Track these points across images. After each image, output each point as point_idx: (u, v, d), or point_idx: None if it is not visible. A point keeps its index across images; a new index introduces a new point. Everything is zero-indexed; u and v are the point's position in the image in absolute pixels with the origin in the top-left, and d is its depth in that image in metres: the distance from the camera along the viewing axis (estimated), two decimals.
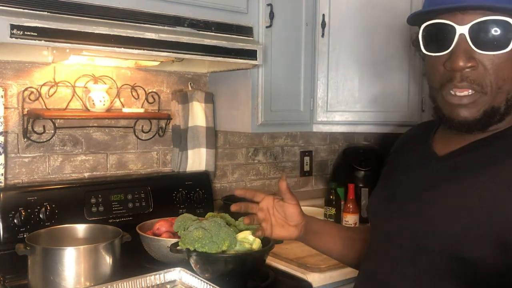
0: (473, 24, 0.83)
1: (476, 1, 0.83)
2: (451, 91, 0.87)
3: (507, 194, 0.82)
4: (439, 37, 0.87)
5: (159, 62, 1.95)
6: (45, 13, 1.43)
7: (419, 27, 0.92)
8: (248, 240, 1.49)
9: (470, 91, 0.86)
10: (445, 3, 0.85)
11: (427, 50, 0.91)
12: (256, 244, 1.51)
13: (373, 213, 1.11)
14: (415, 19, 0.93)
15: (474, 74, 0.85)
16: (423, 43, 0.91)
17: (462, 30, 0.84)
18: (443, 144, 0.97)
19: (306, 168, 2.67)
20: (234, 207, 1.18)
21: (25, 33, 1.35)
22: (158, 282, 1.42)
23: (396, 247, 0.97)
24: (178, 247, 1.50)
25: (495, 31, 0.82)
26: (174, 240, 1.58)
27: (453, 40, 0.85)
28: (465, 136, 0.93)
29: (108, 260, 1.50)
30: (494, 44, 0.83)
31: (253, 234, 1.21)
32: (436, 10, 0.87)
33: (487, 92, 0.85)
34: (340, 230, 1.32)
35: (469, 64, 0.84)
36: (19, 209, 1.68)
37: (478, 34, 0.83)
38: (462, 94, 0.86)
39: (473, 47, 0.84)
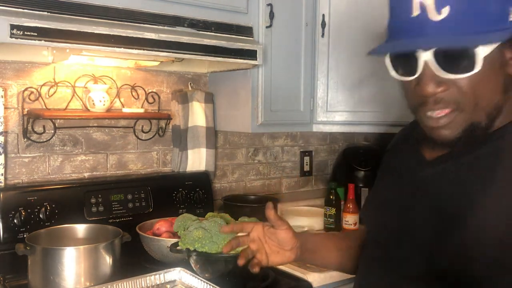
0: (437, 50, 0.79)
1: (434, 42, 0.79)
2: (427, 113, 0.85)
3: (495, 203, 0.81)
4: (405, 63, 0.84)
5: (159, 62, 1.95)
6: (45, 13, 1.43)
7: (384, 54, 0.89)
8: None
9: (446, 110, 0.83)
10: (402, 19, 0.82)
11: (397, 74, 0.88)
12: None
13: (365, 220, 1.13)
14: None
15: (448, 94, 0.82)
16: (392, 67, 0.88)
17: (426, 56, 0.80)
18: (431, 149, 0.95)
19: (306, 168, 2.67)
20: (225, 249, 1.17)
21: (25, 33, 1.35)
22: (158, 282, 1.42)
23: (382, 255, 0.98)
24: (178, 247, 1.49)
25: (461, 53, 0.79)
26: (174, 240, 1.57)
27: (418, 66, 0.82)
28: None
29: (108, 260, 1.50)
30: (462, 66, 0.79)
31: (251, 269, 1.14)
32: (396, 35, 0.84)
33: (464, 109, 0.83)
34: (336, 242, 1.29)
35: (440, 89, 0.82)
36: (19, 209, 1.68)
37: (444, 58, 0.79)
38: (438, 116, 0.84)
39: (440, 72, 0.80)
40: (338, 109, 2.15)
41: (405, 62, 0.84)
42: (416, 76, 0.83)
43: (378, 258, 1.00)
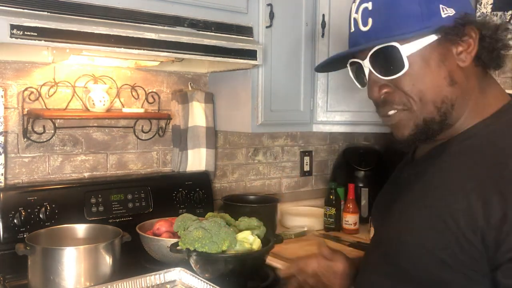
0: (370, 57, 0.90)
1: (363, 46, 0.90)
2: (380, 115, 0.95)
3: (447, 205, 0.83)
4: (357, 74, 0.97)
5: (159, 62, 1.95)
6: (45, 13, 1.43)
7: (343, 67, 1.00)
8: (248, 240, 1.50)
9: (392, 110, 0.91)
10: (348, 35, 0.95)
11: (360, 85, 0.98)
12: (256, 244, 1.51)
13: (372, 220, 1.23)
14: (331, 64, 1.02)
15: (392, 96, 0.90)
16: (355, 79, 0.99)
17: (366, 63, 0.91)
18: (420, 149, 1.02)
19: (306, 168, 2.67)
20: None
21: (25, 33, 1.35)
22: (158, 282, 1.42)
23: (372, 254, 1.05)
24: (178, 247, 1.50)
25: (387, 56, 0.87)
26: (174, 240, 1.58)
27: (365, 74, 0.92)
28: (435, 141, 0.95)
29: (108, 260, 1.50)
30: (392, 68, 0.88)
31: None
32: (335, 57, 0.97)
33: (410, 107, 0.89)
34: None
35: (383, 91, 0.91)
36: (19, 209, 1.68)
37: (376, 63, 0.89)
38: (390, 113, 0.92)
39: (378, 75, 0.90)
40: (338, 109, 2.15)
41: (359, 74, 0.96)
42: (367, 84, 0.93)
43: (367, 257, 1.09)
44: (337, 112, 2.16)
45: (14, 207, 1.68)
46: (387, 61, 0.88)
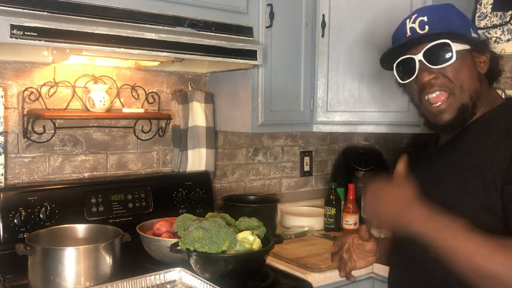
0: (425, 51, 1.17)
1: (421, 34, 1.17)
2: (427, 100, 1.19)
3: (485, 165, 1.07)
4: (407, 68, 1.22)
5: (159, 62, 1.95)
6: (45, 13, 1.43)
7: (392, 69, 1.26)
8: (248, 240, 1.50)
9: (442, 96, 1.17)
10: (401, 39, 1.21)
11: (402, 80, 1.25)
12: (256, 244, 1.51)
13: None
14: (386, 61, 1.27)
15: (439, 81, 1.17)
16: (398, 76, 1.25)
17: (419, 57, 1.18)
18: (441, 139, 1.28)
19: (306, 168, 2.67)
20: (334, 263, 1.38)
21: (25, 33, 1.35)
22: (158, 282, 1.42)
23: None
24: (178, 247, 1.50)
25: (440, 50, 1.16)
26: (174, 240, 1.58)
27: (415, 66, 1.19)
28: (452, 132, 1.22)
29: (108, 260, 1.50)
30: (443, 59, 1.16)
31: (348, 279, 1.36)
32: (397, 47, 1.21)
33: (454, 92, 1.16)
34: None
35: (432, 76, 1.17)
36: (19, 209, 1.68)
37: (430, 55, 1.17)
38: (438, 101, 1.17)
39: (429, 65, 1.17)
40: (338, 109, 2.15)
41: (406, 67, 1.22)
42: (415, 75, 1.20)
43: (405, 241, 1.16)
44: (337, 112, 2.16)
45: (14, 207, 1.68)
46: (439, 54, 1.16)
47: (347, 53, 2.13)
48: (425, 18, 1.18)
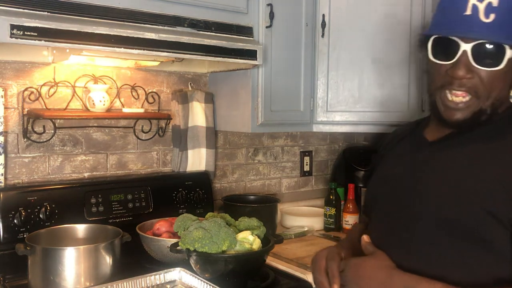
0: (475, 44, 1.00)
1: (482, 36, 1.00)
2: (448, 94, 1.06)
3: (488, 171, 1.01)
4: (446, 49, 1.04)
5: (159, 62, 1.95)
6: (45, 13, 1.43)
7: (428, 37, 1.08)
8: (248, 240, 1.50)
9: (466, 96, 1.04)
10: (456, 11, 1.02)
11: (434, 58, 1.07)
12: (256, 244, 1.51)
13: (373, 196, 1.29)
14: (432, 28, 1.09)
15: (471, 82, 1.03)
16: (431, 51, 1.08)
17: (466, 47, 1.01)
18: (434, 132, 1.15)
19: (306, 168, 2.68)
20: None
21: (25, 33, 1.35)
22: (158, 282, 1.42)
23: (393, 219, 1.13)
24: (178, 247, 1.50)
25: (492, 51, 1.00)
26: (174, 240, 1.58)
27: (457, 54, 1.02)
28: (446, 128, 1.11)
29: (108, 260, 1.50)
30: (490, 62, 1.01)
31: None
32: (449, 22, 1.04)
33: (480, 97, 1.04)
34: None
35: (468, 76, 1.02)
36: (19, 209, 1.68)
37: (478, 52, 1.01)
38: (458, 100, 1.05)
39: (473, 62, 1.01)
40: (338, 109, 2.15)
41: (445, 48, 1.05)
42: (452, 61, 1.03)
43: (385, 224, 1.17)
44: (337, 112, 2.16)
45: (14, 207, 1.68)
46: (489, 54, 1.01)
47: (347, 53, 2.13)
48: (495, 2, 0.99)
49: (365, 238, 1.17)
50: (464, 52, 1.01)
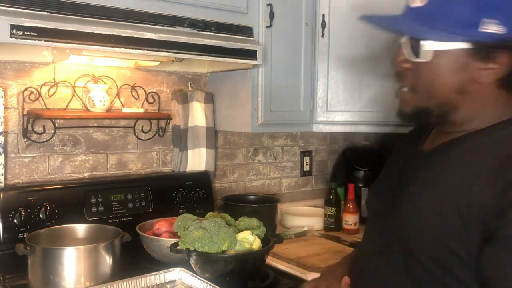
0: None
1: (411, 7, 0.99)
2: (396, 85, 1.05)
3: (453, 200, 0.91)
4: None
5: (159, 62, 1.95)
6: (45, 13, 1.43)
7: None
8: (248, 240, 1.50)
9: (405, 89, 1.02)
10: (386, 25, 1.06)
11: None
12: (256, 244, 1.51)
13: (367, 207, 1.29)
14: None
15: (408, 73, 1.01)
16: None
17: (404, 39, 1.00)
18: (433, 139, 1.08)
19: (306, 168, 2.68)
20: None
21: (25, 33, 1.34)
22: (158, 282, 1.42)
23: (374, 240, 1.12)
24: (178, 247, 1.50)
25: (421, 44, 0.96)
26: (174, 240, 1.58)
27: (400, 43, 1.01)
28: (447, 134, 1.03)
29: (108, 260, 1.50)
30: (419, 53, 0.96)
31: None
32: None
33: (417, 91, 1.00)
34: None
35: (405, 65, 1.01)
36: (19, 209, 1.68)
37: (411, 42, 0.98)
38: (401, 90, 1.03)
39: (407, 51, 0.99)
40: (338, 109, 2.15)
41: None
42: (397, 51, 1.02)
43: (367, 242, 1.18)
44: (337, 112, 2.16)
45: (14, 207, 1.68)
46: (418, 45, 0.96)
47: (347, 53, 2.13)
48: None
49: (346, 280, 1.17)
50: (404, 43, 1.01)
